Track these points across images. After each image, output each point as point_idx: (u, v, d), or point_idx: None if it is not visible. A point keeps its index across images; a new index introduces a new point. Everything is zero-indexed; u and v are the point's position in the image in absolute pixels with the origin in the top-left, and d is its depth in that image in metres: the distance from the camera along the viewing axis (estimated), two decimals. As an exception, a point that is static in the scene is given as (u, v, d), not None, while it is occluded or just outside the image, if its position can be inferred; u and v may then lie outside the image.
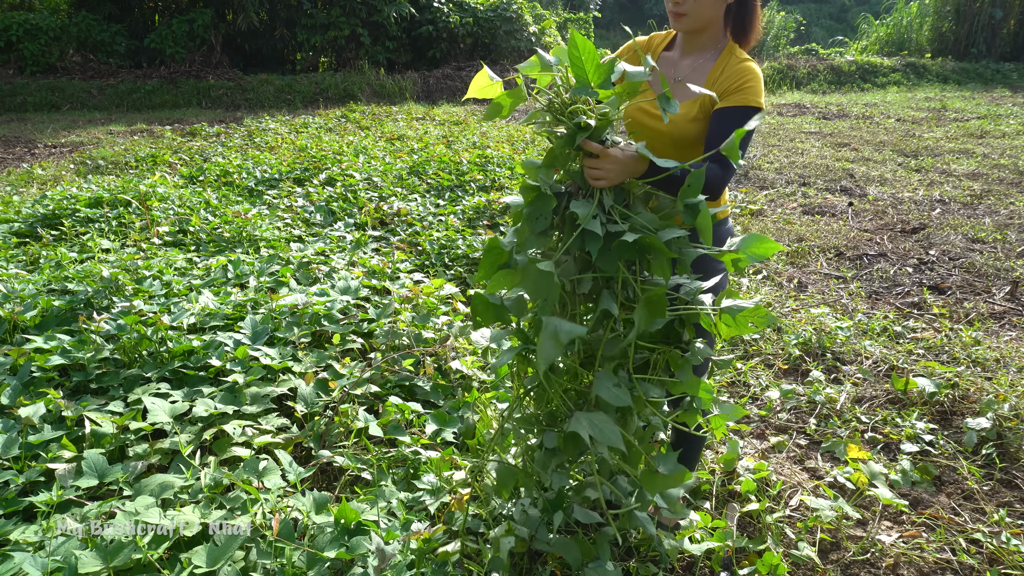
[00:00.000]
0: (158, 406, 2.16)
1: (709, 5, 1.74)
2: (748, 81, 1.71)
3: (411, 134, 8.74)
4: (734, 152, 1.47)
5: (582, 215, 1.44)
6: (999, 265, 4.49)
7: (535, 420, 1.69)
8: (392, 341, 2.87)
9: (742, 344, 3.42)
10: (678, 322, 1.60)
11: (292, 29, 14.38)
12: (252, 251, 4.04)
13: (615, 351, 1.52)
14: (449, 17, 15.22)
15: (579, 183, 1.54)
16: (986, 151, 8.37)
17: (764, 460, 2.48)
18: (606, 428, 1.42)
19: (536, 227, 1.49)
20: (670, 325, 1.61)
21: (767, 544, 1.99)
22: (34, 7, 13.62)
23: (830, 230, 5.33)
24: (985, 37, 19.97)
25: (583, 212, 1.44)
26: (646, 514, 1.71)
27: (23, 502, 1.84)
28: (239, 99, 12.64)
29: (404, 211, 4.87)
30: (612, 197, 1.52)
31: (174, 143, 8.12)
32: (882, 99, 14.59)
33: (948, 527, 2.15)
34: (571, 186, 1.56)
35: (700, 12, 1.74)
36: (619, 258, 1.47)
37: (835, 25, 32.90)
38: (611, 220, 1.49)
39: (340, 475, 2.21)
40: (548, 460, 1.64)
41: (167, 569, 1.62)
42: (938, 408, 2.81)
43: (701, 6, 1.73)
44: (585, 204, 1.47)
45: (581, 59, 1.36)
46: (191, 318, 2.86)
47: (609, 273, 1.49)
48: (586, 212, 1.44)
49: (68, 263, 3.60)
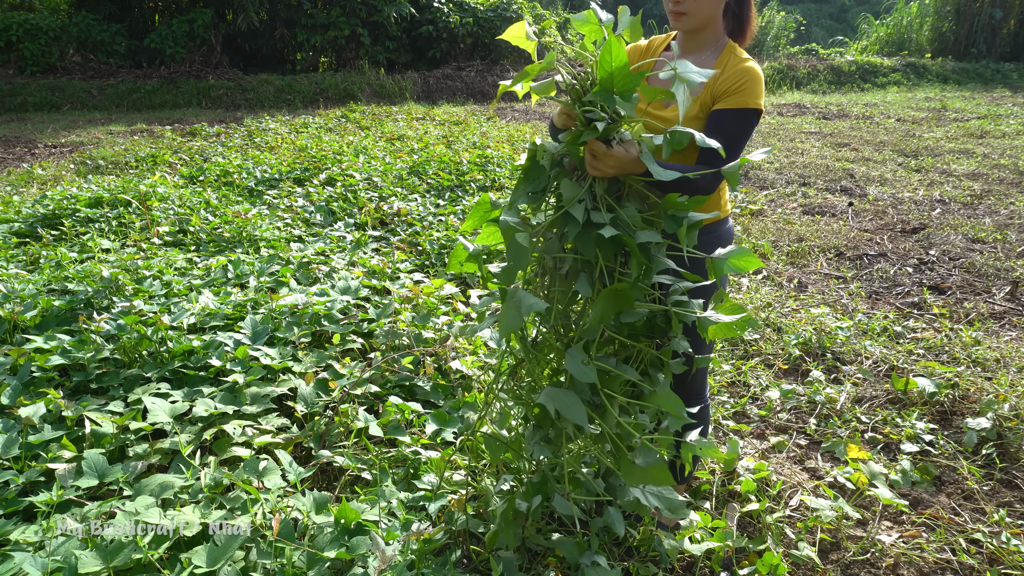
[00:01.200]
0: (158, 406, 2.16)
1: (708, 4, 1.74)
2: (748, 82, 1.71)
3: (411, 134, 8.74)
4: (734, 178, 1.48)
5: (567, 196, 1.46)
6: (999, 265, 4.49)
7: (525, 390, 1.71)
8: (392, 341, 2.87)
9: (742, 344, 3.42)
10: (662, 319, 1.61)
11: (292, 29, 14.38)
12: (252, 251, 4.04)
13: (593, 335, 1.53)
14: (449, 17, 15.23)
15: (576, 163, 1.55)
16: (986, 151, 8.37)
17: (764, 460, 2.48)
18: (571, 403, 1.45)
19: (530, 187, 1.52)
20: (654, 319, 1.62)
21: (767, 544, 1.99)
22: (34, 7, 13.62)
23: (830, 230, 5.33)
24: (985, 37, 19.98)
25: (569, 194, 1.46)
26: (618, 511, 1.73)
27: (23, 502, 1.84)
28: (239, 99, 12.64)
29: (404, 211, 4.88)
30: (604, 186, 1.53)
31: (174, 143, 8.12)
32: (882, 99, 14.59)
33: (948, 527, 2.15)
34: (569, 162, 1.56)
35: (700, 11, 1.74)
36: (597, 245, 1.48)
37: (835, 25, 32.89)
38: (597, 208, 1.50)
39: (340, 475, 2.21)
40: (533, 433, 1.67)
41: (167, 569, 1.62)
42: (938, 408, 2.81)
43: (700, 5, 1.73)
44: (575, 187, 1.48)
45: (612, 65, 1.36)
46: (191, 318, 2.86)
47: (588, 257, 1.50)
48: (572, 195, 1.46)
49: (68, 263, 3.60)
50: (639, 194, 1.59)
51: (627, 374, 1.53)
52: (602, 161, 1.46)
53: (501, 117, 11.21)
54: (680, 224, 1.50)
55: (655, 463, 1.53)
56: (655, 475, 1.54)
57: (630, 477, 1.55)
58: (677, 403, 1.55)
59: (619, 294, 1.45)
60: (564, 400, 1.46)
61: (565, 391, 1.48)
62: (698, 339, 1.91)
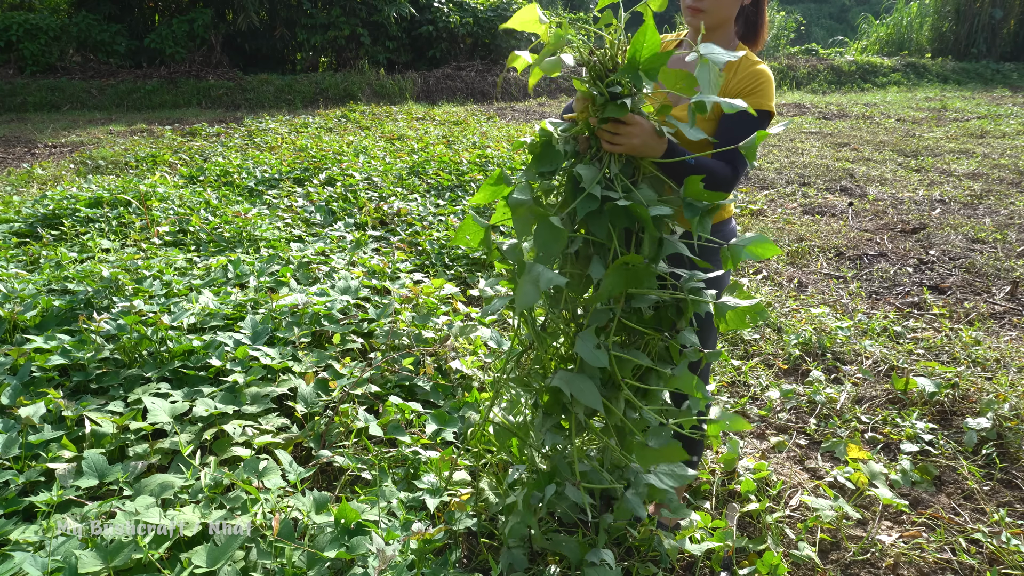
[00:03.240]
0: (158, 406, 2.15)
1: (728, 3, 1.74)
2: (763, 84, 1.72)
3: (411, 134, 8.74)
4: (752, 152, 1.47)
5: (587, 178, 1.42)
6: (999, 265, 4.49)
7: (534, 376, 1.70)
8: (392, 341, 2.87)
9: (742, 344, 3.42)
10: (674, 311, 1.61)
11: (292, 29, 14.38)
12: (252, 251, 4.04)
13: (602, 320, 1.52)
14: (449, 17, 15.22)
15: (588, 142, 1.53)
16: (986, 151, 8.37)
17: (764, 460, 2.48)
18: (585, 388, 1.44)
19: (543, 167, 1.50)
20: (663, 312, 1.61)
21: (767, 544, 1.99)
22: (34, 7, 13.61)
23: (830, 230, 5.33)
24: (985, 37, 19.98)
25: (589, 176, 1.43)
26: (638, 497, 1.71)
27: (23, 502, 1.83)
28: (239, 99, 12.64)
29: (404, 211, 4.87)
30: (619, 167, 1.51)
31: (174, 143, 8.12)
32: (882, 99, 14.58)
33: (948, 527, 2.15)
34: (580, 143, 1.54)
35: (719, 9, 1.73)
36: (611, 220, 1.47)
37: (835, 25, 32.90)
38: (609, 188, 1.48)
39: (340, 475, 2.21)
40: (543, 421, 1.66)
41: (167, 569, 1.62)
42: (938, 408, 2.81)
43: (722, 4, 1.73)
44: (592, 168, 1.46)
45: (643, 45, 1.35)
46: (191, 318, 2.86)
47: (600, 238, 1.48)
48: (592, 176, 1.43)
49: (68, 263, 3.60)
50: (653, 180, 1.58)
51: (638, 359, 1.52)
52: (627, 131, 1.45)
53: (501, 117, 11.21)
54: (698, 212, 1.48)
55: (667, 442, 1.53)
56: (669, 453, 1.53)
57: (643, 459, 1.54)
58: (698, 384, 1.55)
59: (631, 269, 1.43)
60: (578, 384, 1.44)
61: (579, 375, 1.47)
62: (704, 333, 1.91)
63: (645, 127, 1.46)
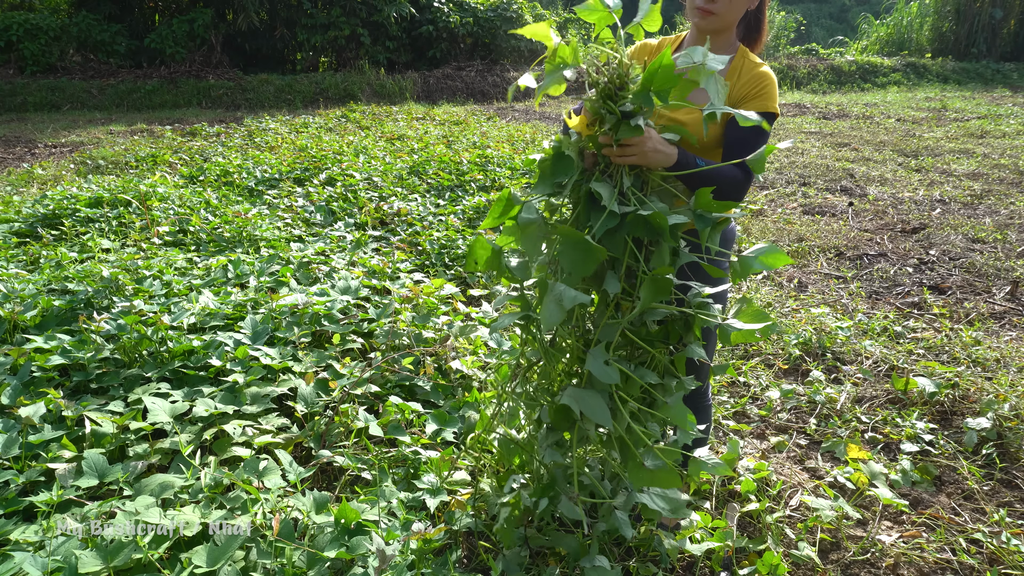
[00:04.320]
0: (158, 406, 2.15)
1: (740, 7, 1.74)
2: (767, 87, 1.72)
3: (411, 134, 8.74)
4: (760, 164, 1.48)
5: (606, 196, 1.42)
6: (999, 265, 4.49)
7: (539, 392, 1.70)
8: (392, 341, 2.87)
9: (742, 344, 3.42)
10: (682, 325, 1.61)
11: (292, 29, 14.38)
12: (252, 251, 4.04)
13: (612, 335, 1.53)
14: (449, 17, 15.23)
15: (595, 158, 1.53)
16: (986, 151, 8.37)
17: (764, 460, 2.48)
18: (595, 404, 1.44)
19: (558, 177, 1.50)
20: (670, 325, 1.61)
21: (767, 544, 1.99)
22: (34, 7, 13.62)
23: (830, 230, 5.33)
24: (985, 37, 19.98)
25: (607, 193, 1.43)
26: (625, 514, 1.72)
27: (23, 502, 1.84)
28: (239, 99, 12.64)
29: (404, 211, 4.87)
30: (631, 180, 1.51)
31: (174, 143, 8.12)
32: (882, 99, 14.58)
33: (948, 527, 2.15)
34: (587, 159, 1.54)
35: (730, 13, 1.72)
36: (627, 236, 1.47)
37: (835, 25, 32.90)
38: (623, 202, 1.48)
39: (340, 475, 2.21)
40: (546, 436, 1.66)
41: (167, 569, 1.62)
42: (938, 408, 2.81)
43: (734, 7, 1.72)
44: (607, 185, 1.46)
45: (657, 70, 1.35)
46: (191, 318, 2.86)
47: (615, 254, 1.49)
48: (610, 193, 1.43)
49: (68, 263, 3.60)
50: (662, 192, 1.59)
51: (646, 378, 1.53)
52: (638, 142, 1.45)
53: (501, 117, 11.21)
54: (708, 223, 1.48)
55: (663, 467, 1.53)
56: (663, 478, 1.53)
57: (637, 479, 1.54)
58: (689, 417, 1.55)
59: (660, 282, 1.44)
60: (588, 401, 1.45)
61: (589, 392, 1.47)
62: (709, 339, 1.91)
63: (654, 137, 1.47)
